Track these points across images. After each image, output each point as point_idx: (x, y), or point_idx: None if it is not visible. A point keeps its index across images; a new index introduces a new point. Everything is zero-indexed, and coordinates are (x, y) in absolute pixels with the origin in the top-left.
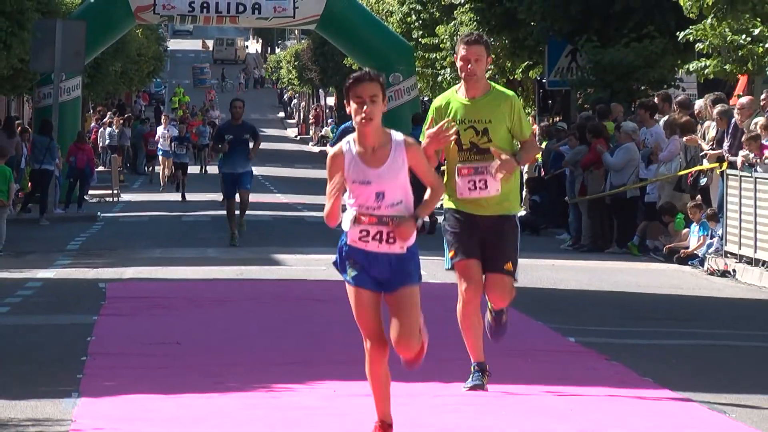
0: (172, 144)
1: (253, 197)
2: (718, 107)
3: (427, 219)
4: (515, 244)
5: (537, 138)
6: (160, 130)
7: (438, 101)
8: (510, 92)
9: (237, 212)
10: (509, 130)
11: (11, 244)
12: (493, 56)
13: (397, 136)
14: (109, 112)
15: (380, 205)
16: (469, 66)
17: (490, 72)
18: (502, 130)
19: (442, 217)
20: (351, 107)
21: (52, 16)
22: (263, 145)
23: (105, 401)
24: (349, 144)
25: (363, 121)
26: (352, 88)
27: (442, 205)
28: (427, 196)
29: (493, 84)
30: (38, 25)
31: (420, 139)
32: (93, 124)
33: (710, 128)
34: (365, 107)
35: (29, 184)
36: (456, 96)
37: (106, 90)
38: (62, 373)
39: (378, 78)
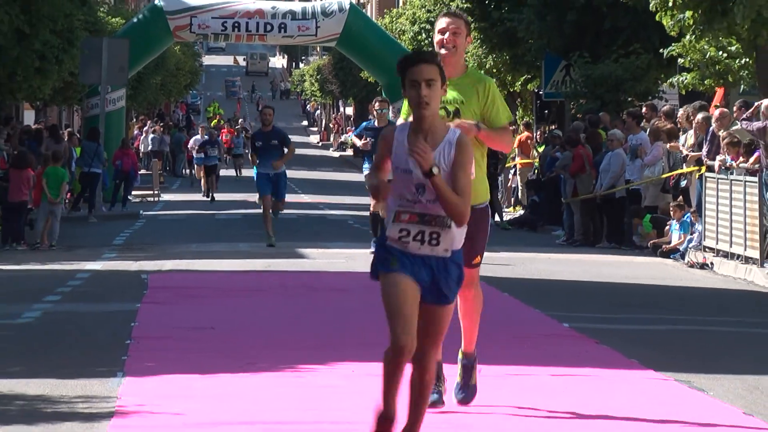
0: (206, 147)
1: None
2: (700, 115)
3: None
4: (486, 235)
5: (535, 143)
6: (195, 138)
7: None
8: (488, 77)
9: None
10: (482, 114)
11: (63, 240)
12: (494, 71)
13: (455, 131)
14: (150, 121)
15: (420, 199)
16: (446, 36)
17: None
18: (474, 113)
19: None
20: (407, 92)
21: (99, 34)
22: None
23: (147, 380)
24: (403, 126)
25: (419, 106)
26: (407, 71)
27: None
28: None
29: (470, 67)
30: (86, 43)
31: (363, 125)
32: (136, 131)
33: (689, 136)
34: (422, 91)
35: (79, 185)
36: None
37: (147, 101)
38: (108, 355)
39: (434, 59)
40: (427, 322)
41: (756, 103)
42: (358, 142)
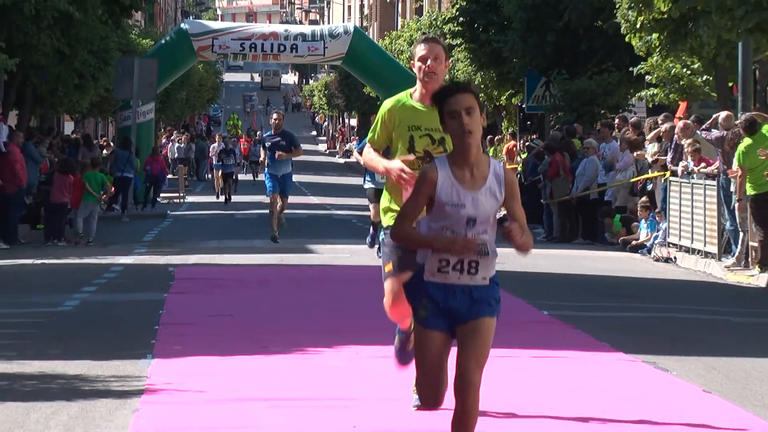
0: (222, 155)
1: (291, 199)
2: (666, 125)
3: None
4: None
5: (519, 150)
6: (213, 146)
7: (390, 102)
8: None
9: (277, 209)
10: None
11: (98, 237)
12: (482, 86)
13: (496, 162)
14: (176, 131)
15: (468, 232)
16: (429, 63)
17: (482, 98)
18: None
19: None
20: (446, 125)
21: (131, 54)
22: (300, 157)
23: (173, 361)
24: (442, 161)
25: (463, 135)
26: (444, 103)
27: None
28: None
29: None
30: (119, 62)
31: (368, 137)
32: (164, 140)
33: (653, 146)
34: (464, 119)
35: (112, 188)
36: (411, 101)
37: (174, 113)
38: (139, 339)
39: (470, 88)
40: (468, 341)
41: (714, 115)
42: (360, 159)
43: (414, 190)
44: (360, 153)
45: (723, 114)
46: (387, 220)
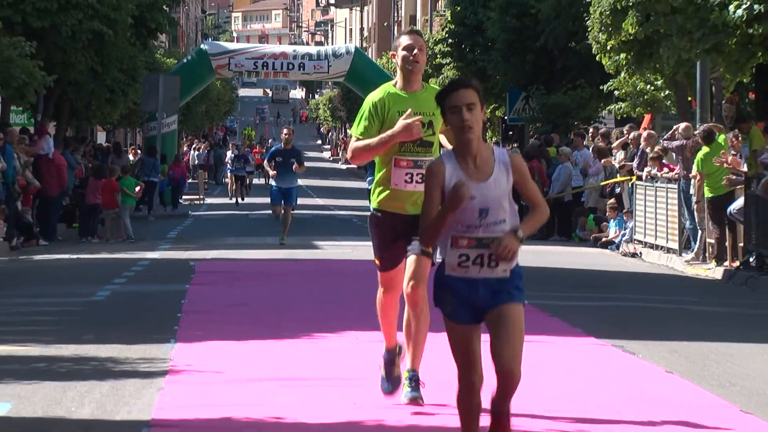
0: (234, 162)
1: (298, 201)
2: (633, 134)
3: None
4: None
5: None
6: (228, 153)
7: (374, 95)
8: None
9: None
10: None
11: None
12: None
13: (501, 150)
14: (196, 140)
15: (482, 223)
16: (414, 51)
17: None
18: (441, 125)
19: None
20: (448, 120)
21: (156, 72)
22: (306, 163)
23: (194, 345)
24: (449, 155)
25: (463, 130)
26: (446, 99)
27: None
28: (531, 213)
29: (425, 84)
30: (146, 79)
31: (355, 132)
32: (185, 148)
33: (621, 153)
34: (464, 115)
35: (140, 191)
36: (395, 90)
37: (194, 124)
38: (163, 326)
39: (472, 84)
40: (499, 327)
41: (675, 126)
42: (350, 155)
43: (425, 189)
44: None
45: (683, 125)
46: (375, 201)
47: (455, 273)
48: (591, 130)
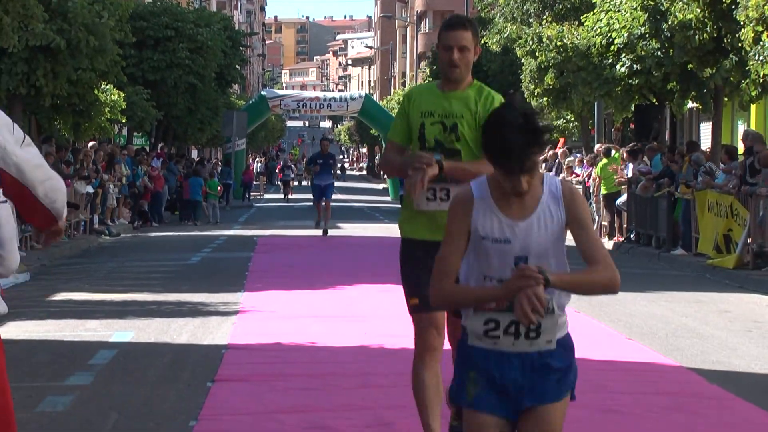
0: (283, 170)
1: None
2: (551, 152)
3: None
4: None
5: None
6: (279, 164)
7: (412, 88)
8: (495, 93)
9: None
10: (478, 122)
11: (212, 219)
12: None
13: (552, 178)
14: (258, 155)
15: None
16: (453, 56)
17: None
18: (469, 125)
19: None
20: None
21: (231, 109)
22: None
23: (256, 293)
24: (483, 185)
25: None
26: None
27: None
28: (585, 270)
29: (477, 81)
30: (225, 114)
31: (389, 134)
32: (251, 161)
33: (542, 165)
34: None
35: (220, 189)
36: (433, 86)
37: (257, 145)
38: (236, 280)
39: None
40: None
41: (596, 148)
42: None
43: (446, 228)
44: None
45: (602, 147)
46: (400, 226)
47: (481, 343)
48: None
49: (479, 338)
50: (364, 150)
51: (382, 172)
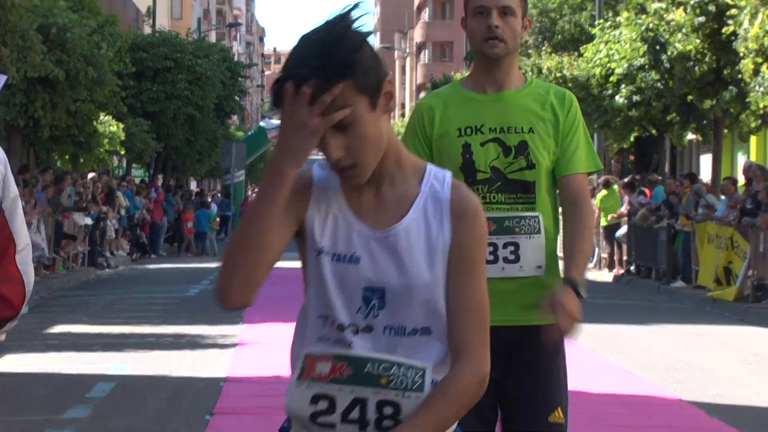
0: None
1: None
2: None
3: None
4: (561, 371)
5: None
6: None
7: (428, 98)
8: (567, 90)
9: None
10: (556, 149)
11: (211, 250)
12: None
13: (442, 172)
14: (257, 187)
15: (372, 324)
16: (493, 23)
17: None
18: (546, 147)
19: None
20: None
21: (230, 141)
22: None
23: (255, 325)
24: (322, 170)
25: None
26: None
27: None
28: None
29: (529, 78)
30: (224, 146)
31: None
32: (250, 191)
33: None
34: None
35: (218, 221)
36: (461, 89)
37: (256, 176)
38: (235, 313)
39: None
40: None
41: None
42: None
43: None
44: None
45: (601, 178)
46: None
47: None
48: None
49: (304, 425)
50: None
51: None
